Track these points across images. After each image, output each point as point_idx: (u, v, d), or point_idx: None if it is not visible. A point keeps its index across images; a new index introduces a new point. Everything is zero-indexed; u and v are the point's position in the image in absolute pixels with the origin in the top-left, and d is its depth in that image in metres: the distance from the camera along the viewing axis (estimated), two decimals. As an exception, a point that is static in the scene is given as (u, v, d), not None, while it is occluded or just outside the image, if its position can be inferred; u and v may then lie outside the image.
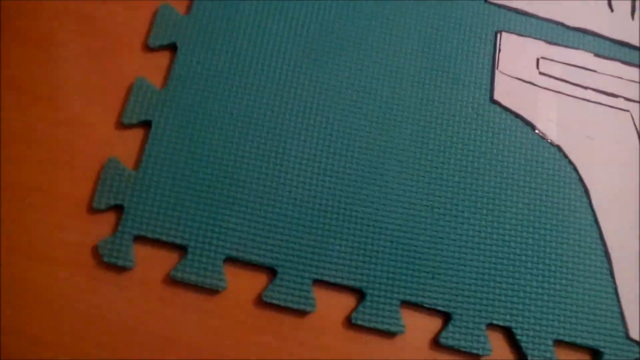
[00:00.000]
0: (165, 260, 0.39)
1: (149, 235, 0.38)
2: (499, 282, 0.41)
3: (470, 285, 0.41)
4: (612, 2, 0.50)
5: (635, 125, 0.47)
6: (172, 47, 0.44)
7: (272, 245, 0.39)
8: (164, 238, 0.38)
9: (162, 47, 0.44)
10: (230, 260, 0.39)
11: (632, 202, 0.45)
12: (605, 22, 0.50)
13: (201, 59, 0.44)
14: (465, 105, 0.46)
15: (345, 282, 0.39)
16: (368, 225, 0.41)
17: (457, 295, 0.41)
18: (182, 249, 0.39)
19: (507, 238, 0.43)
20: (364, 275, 0.40)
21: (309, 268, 0.39)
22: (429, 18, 0.48)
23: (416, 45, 0.47)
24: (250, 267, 0.40)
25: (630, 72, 0.49)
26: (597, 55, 0.49)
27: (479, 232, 0.42)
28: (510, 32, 0.48)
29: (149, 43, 0.44)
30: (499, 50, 0.48)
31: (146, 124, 0.42)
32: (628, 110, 0.47)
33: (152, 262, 0.39)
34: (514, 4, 0.49)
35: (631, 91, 0.48)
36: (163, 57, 0.44)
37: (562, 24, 0.49)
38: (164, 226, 0.39)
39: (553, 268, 0.43)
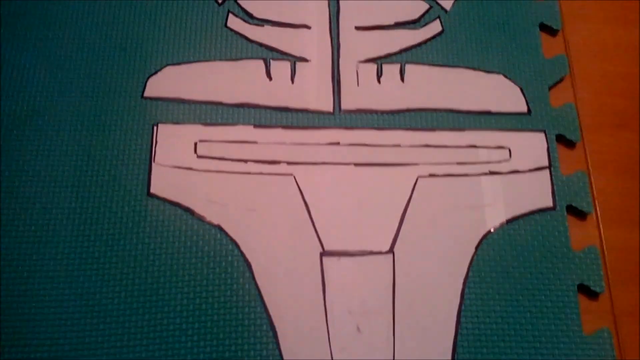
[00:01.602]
0: None
1: None
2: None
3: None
4: (271, 70, 0.54)
5: (298, 187, 0.50)
6: None
7: None
8: None
9: None
10: None
11: (292, 268, 0.48)
12: (265, 92, 0.54)
13: None
14: (122, 205, 0.49)
15: None
16: None
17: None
18: None
19: (170, 336, 0.45)
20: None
21: None
22: (84, 120, 0.51)
23: (71, 154, 0.51)
24: None
25: (292, 135, 0.52)
26: (257, 126, 0.52)
27: (147, 332, 0.45)
28: (167, 123, 0.52)
29: None
30: (156, 142, 0.51)
31: None
32: (291, 174, 0.51)
33: None
34: (170, 94, 0.53)
35: (293, 154, 0.52)
36: None
37: (221, 103, 0.53)
38: None
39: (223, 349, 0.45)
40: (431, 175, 0.52)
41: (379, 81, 0.55)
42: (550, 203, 0.52)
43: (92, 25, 0.56)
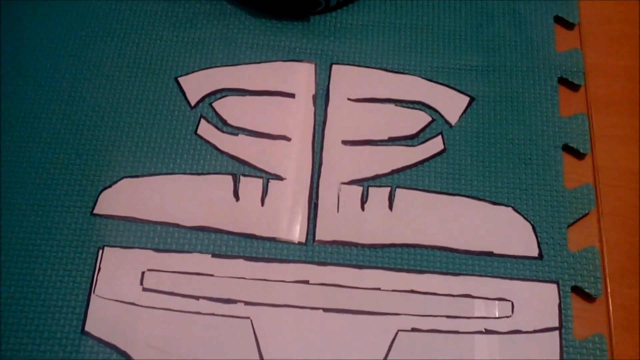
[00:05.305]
0: None
1: None
2: None
3: None
4: (239, 189, 0.53)
5: (254, 335, 0.49)
6: None
7: None
8: None
9: None
10: None
11: None
12: (229, 215, 0.53)
13: None
14: (51, 343, 0.49)
15: None
16: None
17: None
18: None
19: None
20: None
21: None
22: (25, 240, 0.52)
23: (6, 283, 0.51)
24: None
25: (254, 269, 0.51)
26: (215, 255, 0.52)
27: None
28: (114, 247, 0.52)
29: None
30: (98, 270, 0.51)
31: None
32: (248, 317, 0.49)
33: None
34: (123, 212, 0.53)
35: (253, 293, 0.50)
36: None
37: (178, 225, 0.53)
38: None
39: None
40: (414, 329, 0.49)
41: (362, 208, 0.53)
42: (557, 374, 0.48)
43: (44, 126, 0.57)
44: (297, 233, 0.54)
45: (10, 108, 0.58)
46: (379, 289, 0.51)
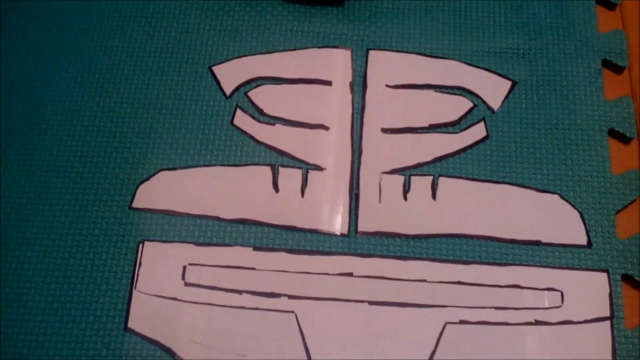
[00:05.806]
0: None
1: None
2: None
3: None
4: (279, 180, 0.53)
5: (299, 328, 0.48)
6: None
7: None
8: None
9: None
10: None
11: None
12: (270, 207, 0.52)
13: None
14: (94, 341, 0.48)
15: None
16: None
17: None
18: None
19: None
20: None
21: None
22: (63, 235, 0.51)
23: (45, 277, 0.51)
24: None
25: (296, 262, 0.51)
26: (257, 248, 0.51)
27: None
28: (154, 241, 0.51)
29: None
30: (139, 264, 0.50)
31: None
32: (292, 312, 0.49)
33: None
34: (162, 205, 0.52)
35: (296, 286, 0.50)
36: None
37: (218, 218, 0.52)
38: None
39: None
40: (462, 321, 0.49)
41: (405, 198, 0.53)
42: (610, 365, 0.47)
43: (80, 120, 0.56)
44: (338, 224, 0.53)
45: (45, 103, 0.57)
46: (424, 280, 0.51)
